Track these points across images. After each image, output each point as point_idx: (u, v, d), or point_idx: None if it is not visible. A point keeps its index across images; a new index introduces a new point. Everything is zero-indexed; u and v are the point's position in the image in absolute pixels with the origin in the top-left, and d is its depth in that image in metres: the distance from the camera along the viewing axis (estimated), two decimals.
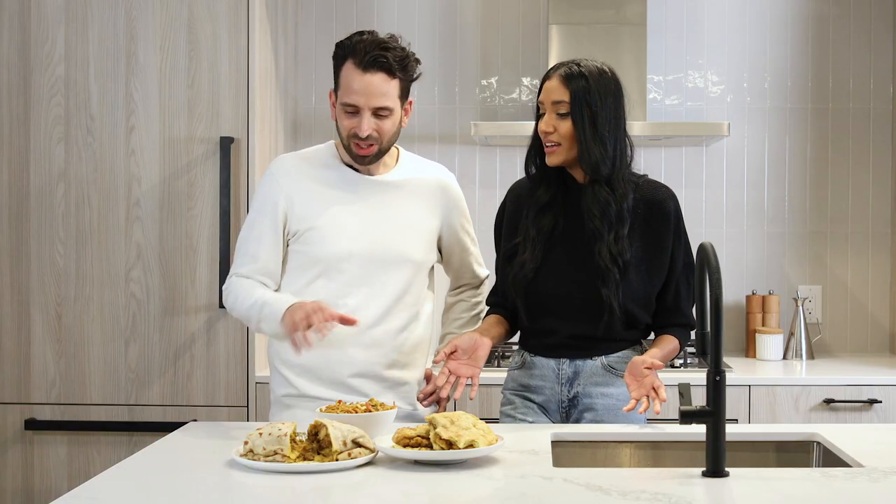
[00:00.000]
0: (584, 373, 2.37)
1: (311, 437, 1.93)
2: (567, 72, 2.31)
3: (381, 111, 2.29)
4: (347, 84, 2.28)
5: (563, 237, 2.36)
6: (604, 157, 2.29)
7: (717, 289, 1.84)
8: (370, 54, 2.25)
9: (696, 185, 3.77)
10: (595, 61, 2.36)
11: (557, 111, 2.30)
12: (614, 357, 2.38)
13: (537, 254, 2.35)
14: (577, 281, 2.33)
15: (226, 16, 3.13)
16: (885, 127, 3.74)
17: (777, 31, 3.76)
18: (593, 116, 2.28)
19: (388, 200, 2.40)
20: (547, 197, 2.38)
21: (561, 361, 2.38)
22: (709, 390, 1.85)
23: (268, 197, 2.38)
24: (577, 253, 2.34)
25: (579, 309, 2.33)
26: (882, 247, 3.75)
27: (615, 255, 2.29)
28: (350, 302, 2.34)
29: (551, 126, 2.31)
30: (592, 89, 2.28)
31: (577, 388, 2.37)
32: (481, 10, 3.78)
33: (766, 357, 3.52)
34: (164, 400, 3.16)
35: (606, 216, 2.31)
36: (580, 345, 2.36)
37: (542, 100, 2.34)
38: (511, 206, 2.47)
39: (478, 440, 1.86)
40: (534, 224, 2.37)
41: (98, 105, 3.15)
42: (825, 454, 2.11)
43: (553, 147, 2.32)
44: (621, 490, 1.70)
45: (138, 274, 3.15)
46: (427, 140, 3.75)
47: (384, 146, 2.34)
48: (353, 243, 2.35)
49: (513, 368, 2.48)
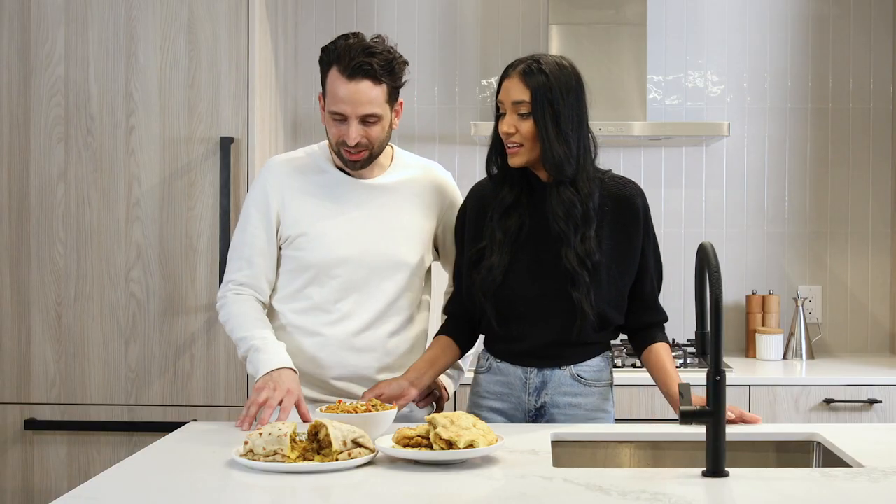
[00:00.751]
0: (552, 382, 2.31)
1: (311, 437, 1.93)
2: (526, 69, 2.22)
3: (368, 118, 2.25)
4: (333, 92, 2.25)
5: (531, 239, 2.29)
6: (568, 156, 2.21)
7: (717, 289, 1.84)
8: (355, 61, 2.21)
9: (696, 185, 3.77)
10: (554, 56, 2.27)
11: (518, 111, 2.22)
12: (583, 367, 2.33)
13: (505, 257, 2.27)
14: (548, 283, 2.26)
15: (226, 16, 3.13)
16: (885, 127, 3.74)
17: (777, 31, 3.76)
18: (556, 115, 2.20)
19: (381, 204, 2.38)
20: (511, 198, 2.29)
21: (528, 370, 2.32)
22: (709, 390, 1.84)
23: (260, 201, 2.36)
24: (545, 255, 2.27)
25: (551, 312, 2.27)
26: (882, 247, 3.75)
27: (583, 257, 2.22)
28: (342, 307, 2.34)
29: (513, 127, 2.22)
30: (554, 87, 2.20)
31: (544, 397, 2.31)
32: (481, 10, 3.78)
33: (766, 357, 3.52)
34: (164, 400, 3.16)
35: (572, 217, 2.23)
36: (549, 353, 2.30)
37: (501, 99, 2.26)
38: (473, 209, 2.37)
39: (478, 440, 1.86)
40: (499, 226, 2.28)
41: (98, 105, 3.15)
42: (825, 454, 2.11)
43: (516, 148, 2.24)
44: (621, 490, 1.70)
45: (138, 274, 3.15)
46: (427, 140, 3.75)
47: (375, 151, 2.32)
48: (344, 249, 2.33)
49: (480, 371, 2.41)
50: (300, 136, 3.74)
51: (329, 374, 2.35)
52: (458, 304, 2.41)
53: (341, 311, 2.33)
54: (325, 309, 2.34)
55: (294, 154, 2.45)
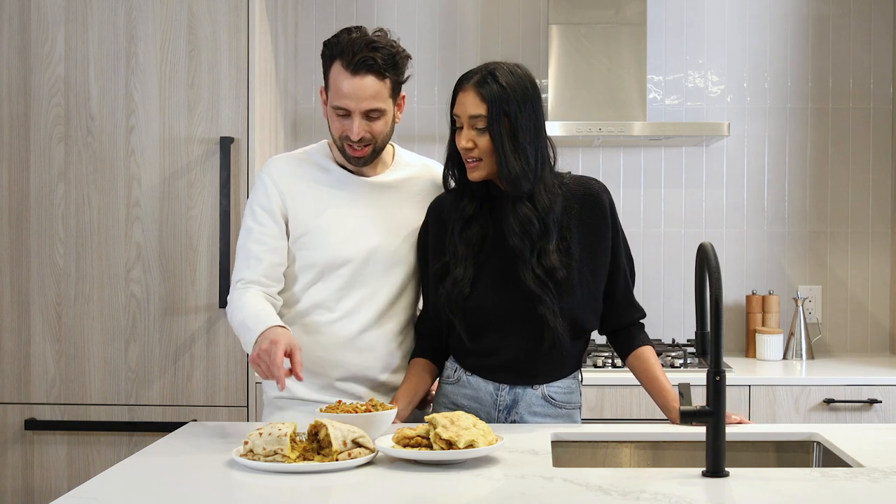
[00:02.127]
0: (523, 401, 2.26)
1: (311, 437, 1.93)
2: (480, 81, 2.16)
3: (372, 113, 2.24)
4: (336, 87, 2.23)
5: (494, 250, 2.24)
6: (525, 171, 2.16)
7: (717, 289, 1.84)
8: (358, 56, 2.19)
9: (696, 185, 3.77)
10: (507, 63, 2.20)
11: (475, 125, 2.16)
12: (555, 387, 2.28)
13: (469, 269, 2.22)
14: (515, 294, 2.20)
15: (226, 16, 3.13)
16: (885, 127, 3.74)
17: (777, 31, 3.76)
18: (513, 129, 2.15)
19: (383, 202, 2.37)
20: (471, 209, 2.25)
21: (500, 387, 2.26)
22: (709, 390, 1.84)
23: (266, 199, 2.33)
24: (510, 266, 2.21)
25: (521, 323, 2.21)
26: (882, 247, 3.75)
27: (541, 275, 2.17)
28: (345, 305, 2.33)
29: (471, 142, 2.17)
30: (510, 98, 2.14)
31: (514, 416, 2.26)
32: (481, 10, 3.78)
33: (766, 357, 3.52)
34: (164, 400, 3.16)
35: (527, 234, 2.18)
36: (522, 368, 2.24)
37: (457, 113, 2.20)
38: (434, 224, 2.31)
39: (478, 440, 1.86)
40: (461, 239, 2.23)
41: (98, 105, 3.15)
42: (825, 454, 2.11)
43: (475, 163, 2.18)
44: (621, 490, 1.70)
45: (138, 274, 3.15)
46: (427, 140, 3.75)
47: (378, 146, 2.31)
48: (348, 248, 2.32)
49: (447, 382, 2.34)
50: (300, 135, 3.74)
51: (331, 374, 2.34)
52: (428, 322, 2.36)
53: (344, 309, 2.32)
54: (328, 307, 2.33)
55: (294, 153, 2.43)
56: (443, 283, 2.25)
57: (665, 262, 3.78)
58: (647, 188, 3.77)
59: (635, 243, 3.60)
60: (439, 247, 2.29)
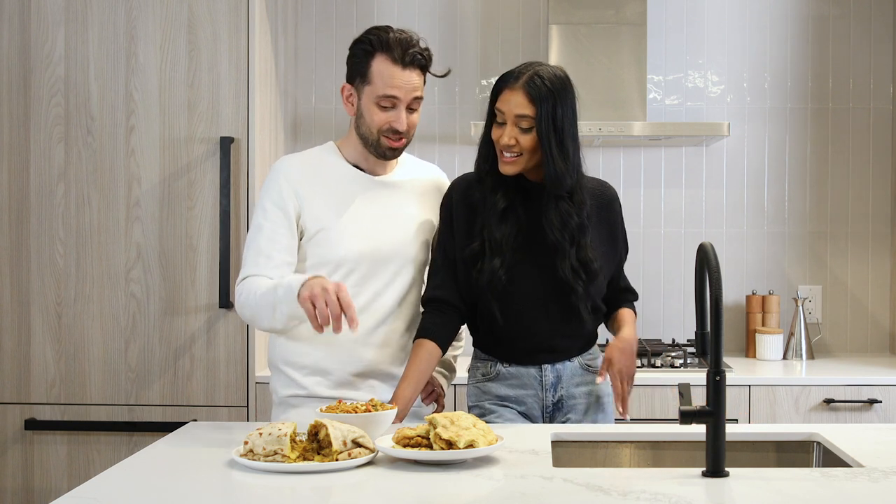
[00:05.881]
0: (565, 375, 2.40)
1: (311, 437, 1.93)
2: (530, 82, 2.24)
3: (413, 104, 2.34)
4: (386, 78, 2.30)
5: (528, 241, 2.34)
6: (568, 169, 2.27)
7: (717, 289, 1.84)
8: (409, 52, 2.30)
9: (696, 185, 3.77)
10: (550, 67, 2.30)
11: (520, 125, 2.25)
12: (588, 355, 2.44)
13: (507, 258, 2.31)
14: (548, 283, 2.33)
15: (226, 16, 3.13)
16: (885, 127, 3.75)
17: (777, 31, 3.76)
18: (559, 132, 2.25)
19: (393, 200, 2.42)
20: (504, 203, 2.33)
21: (543, 368, 2.38)
22: (709, 390, 1.85)
23: (278, 198, 2.34)
24: (544, 258, 2.34)
25: (551, 306, 2.35)
26: (882, 247, 3.75)
27: (577, 269, 2.32)
28: (360, 301, 2.35)
29: (513, 139, 2.26)
30: (557, 101, 2.24)
31: (560, 391, 2.39)
32: (481, 10, 3.78)
33: (766, 357, 3.52)
34: (164, 400, 3.16)
35: (568, 229, 2.32)
36: (558, 346, 2.38)
37: (501, 108, 2.28)
38: (461, 206, 2.38)
39: (478, 440, 1.86)
40: (497, 229, 2.32)
41: (98, 105, 3.15)
42: (825, 454, 2.11)
43: (513, 158, 2.28)
44: (621, 490, 1.70)
45: (138, 274, 3.15)
46: (427, 140, 3.75)
47: (410, 138, 2.40)
48: (362, 244, 2.35)
49: (481, 381, 2.41)
50: (300, 136, 3.74)
51: (348, 370, 2.36)
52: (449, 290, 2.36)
53: (358, 304, 2.33)
54: None
55: (304, 154, 2.46)
56: (476, 268, 2.32)
57: (665, 262, 3.78)
58: (647, 188, 3.77)
59: (635, 243, 3.60)
60: (469, 230, 2.36)
